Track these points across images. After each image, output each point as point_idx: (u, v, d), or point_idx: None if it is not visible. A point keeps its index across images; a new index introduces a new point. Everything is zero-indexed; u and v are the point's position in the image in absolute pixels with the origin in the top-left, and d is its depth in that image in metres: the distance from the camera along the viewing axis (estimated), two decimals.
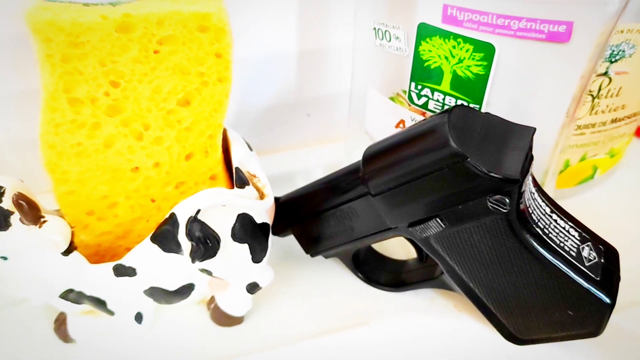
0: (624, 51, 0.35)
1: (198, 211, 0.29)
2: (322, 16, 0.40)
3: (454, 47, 0.29)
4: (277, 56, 0.41)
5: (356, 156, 0.40)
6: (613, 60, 0.35)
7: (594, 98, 0.37)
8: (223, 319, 0.36)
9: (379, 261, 0.39)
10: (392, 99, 0.34)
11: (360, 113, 0.37)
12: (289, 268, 0.39)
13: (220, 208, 0.30)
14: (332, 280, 0.39)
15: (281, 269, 0.37)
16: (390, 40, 0.32)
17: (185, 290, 0.33)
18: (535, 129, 0.29)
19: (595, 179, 0.44)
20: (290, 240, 0.39)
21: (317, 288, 0.39)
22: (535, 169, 0.32)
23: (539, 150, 0.31)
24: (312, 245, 0.38)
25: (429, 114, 0.33)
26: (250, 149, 0.35)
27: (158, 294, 0.33)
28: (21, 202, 0.27)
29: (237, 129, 0.40)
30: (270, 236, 0.33)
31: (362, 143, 0.39)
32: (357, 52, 0.36)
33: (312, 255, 0.39)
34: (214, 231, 0.30)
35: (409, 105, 0.34)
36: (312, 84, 0.44)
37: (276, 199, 0.37)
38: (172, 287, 0.33)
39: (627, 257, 0.39)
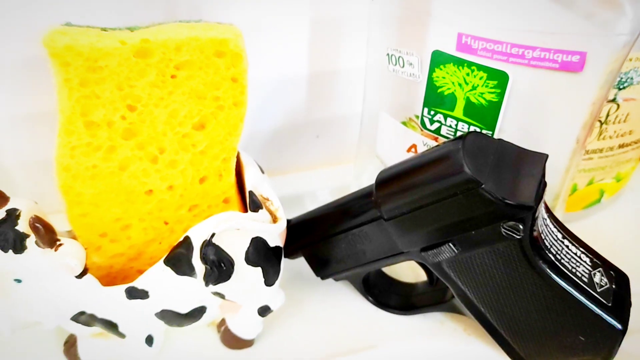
0: (632, 78, 0.36)
1: (213, 235, 0.29)
2: (334, 39, 0.40)
3: (467, 74, 0.30)
4: (287, 78, 0.42)
5: (365, 179, 0.41)
6: (621, 87, 0.36)
7: (601, 124, 0.38)
8: (233, 341, 0.36)
9: (388, 284, 0.40)
10: (404, 123, 0.35)
11: (371, 136, 0.38)
12: (300, 290, 0.40)
13: (234, 232, 0.30)
14: (342, 303, 0.39)
15: (292, 291, 0.38)
16: (403, 66, 0.32)
17: (197, 313, 0.33)
18: (547, 155, 0.29)
19: (602, 203, 0.44)
20: (301, 262, 0.39)
21: (327, 311, 0.39)
22: (547, 194, 0.33)
23: (550, 175, 0.32)
24: (322, 268, 0.38)
25: (441, 139, 0.34)
26: (262, 172, 0.36)
27: (170, 316, 0.33)
28: (38, 225, 0.27)
29: (247, 151, 0.41)
30: (283, 259, 0.33)
31: (371, 166, 0.40)
32: (370, 76, 0.36)
33: (322, 278, 0.39)
34: (228, 254, 0.30)
35: (422, 130, 0.34)
36: (322, 106, 0.44)
37: (287, 221, 0.37)
38: (184, 310, 0.33)
39: (636, 281, 0.39)
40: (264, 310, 0.34)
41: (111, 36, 0.28)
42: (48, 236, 0.28)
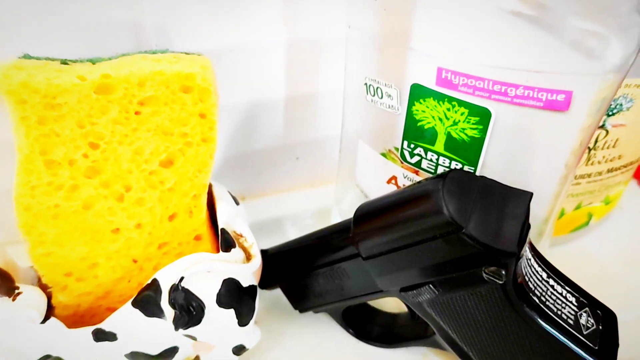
0: (621, 105, 0.34)
1: (181, 278, 0.28)
2: (312, 62, 0.39)
3: (448, 109, 0.28)
4: (265, 101, 0.41)
5: (346, 203, 0.40)
6: (610, 114, 0.35)
7: (590, 150, 0.37)
8: None
9: (370, 315, 0.39)
10: (383, 154, 0.33)
11: (350, 165, 0.36)
12: (276, 322, 0.38)
13: (205, 273, 0.29)
14: (321, 335, 0.38)
15: (268, 323, 0.37)
16: (382, 97, 0.31)
17: (169, 354, 0.32)
18: (532, 194, 0.28)
19: (590, 226, 0.43)
20: (278, 291, 0.38)
21: (306, 344, 0.38)
22: (536, 218, 0.32)
23: (539, 202, 0.31)
24: (300, 301, 0.37)
25: (422, 173, 0.32)
26: (237, 203, 0.34)
27: (140, 358, 0.32)
28: None
29: (225, 174, 0.40)
30: (258, 296, 0.32)
31: (352, 190, 0.38)
32: (348, 104, 0.35)
33: (300, 311, 0.38)
34: (198, 298, 0.29)
35: (402, 162, 0.33)
36: (301, 128, 0.44)
37: (264, 252, 0.36)
38: (155, 351, 0.32)
39: (624, 308, 0.39)
40: (238, 350, 0.33)
41: (70, 71, 0.27)
42: (5, 285, 0.27)
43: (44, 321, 0.28)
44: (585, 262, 0.43)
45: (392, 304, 0.39)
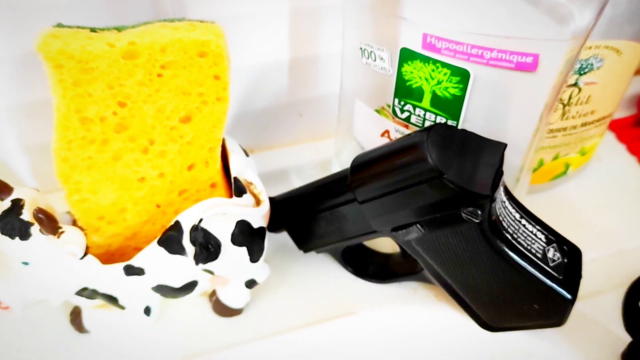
0: (592, 64, 0.38)
1: (200, 220, 0.32)
2: (313, 27, 0.42)
3: (433, 70, 0.32)
4: (271, 63, 0.44)
5: (345, 155, 0.43)
6: (582, 72, 0.38)
7: (564, 105, 0.40)
8: (224, 310, 0.39)
9: (366, 255, 0.43)
10: (377, 111, 0.37)
11: (348, 120, 0.40)
12: (283, 262, 0.43)
13: (221, 215, 0.33)
14: (323, 273, 0.42)
15: (276, 263, 0.41)
16: (375, 60, 0.34)
17: (190, 287, 0.36)
18: (506, 145, 0.32)
19: (568, 174, 0.47)
20: (284, 235, 0.42)
21: (309, 280, 0.42)
22: (511, 167, 0.36)
23: (515, 152, 0.34)
24: (304, 242, 0.41)
25: (411, 126, 0.36)
26: (247, 155, 0.38)
27: (165, 290, 0.36)
28: (41, 216, 0.30)
29: (236, 129, 0.43)
30: (266, 237, 0.36)
31: (350, 143, 0.42)
32: (345, 66, 0.38)
33: (304, 252, 0.42)
34: (215, 237, 0.33)
35: (393, 118, 0.36)
36: (304, 88, 0.47)
37: (271, 199, 0.40)
38: (178, 284, 0.36)
39: (594, 247, 0.43)
40: (250, 283, 0.37)
41: (100, 38, 0.30)
42: (50, 225, 0.30)
43: (82, 257, 0.32)
44: (562, 207, 0.47)
45: (386, 246, 0.43)
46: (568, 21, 0.28)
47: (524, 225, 0.34)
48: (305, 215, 0.39)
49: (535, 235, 0.34)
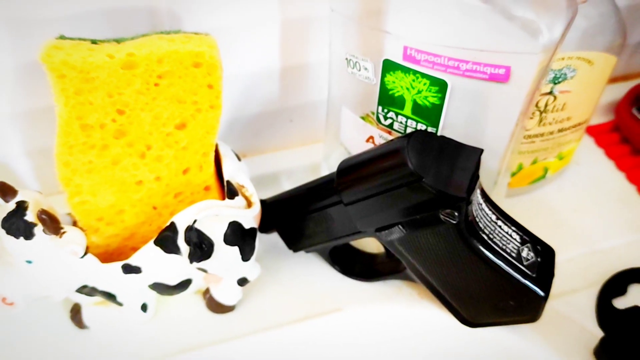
0: (565, 74, 0.40)
1: (195, 221, 0.34)
2: (302, 37, 0.44)
3: (413, 80, 0.34)
4: (262, 71, 0.45)
5: (333, 159, 0.45)
6: (557, 82, 0.40)
7: (541, 112, 0.42)
8: (217, 307, 0.41)
9: (353, 254, 0.44)
10: (362, 118, 0.39)
11: (336, 126, 0.42)
12: (274, 261, 0.44)
13: (214, 217, 0.35)
14: (311, 272, 0.44)
15: (267, 262, 0.42)
16: (360, 70, 0.36)
17: (184, 285, 0.38)
18: (482, 150, 0.34)
19: (547, 178, 0.49)
20: (275, 236, 0.44)
21: (298, 279, 0.43)
22: (489, 171, 0.38)
23: (492, 156, 0.36)
24: (294, 242, 0.43)
25: (394, 133, 0.38)
26: (239, 159, 0.40)
27: (161, 288, 0.38)
28: (44, 217, 0.31)
29: (229, 135, 0.45)
30: (258, 237, 0.38)
31: (337, 148, 0.44)
32: (332, 75, 0.40)
33: (294, 251, 0.44)
34: (208, 237, 0.35)
35: (377, 124, 0.38)
36: (294, 95, 0.48)
37: (262, 201, 0.42)
38: (173, 282, 0.37)
39: (570, 248, 0.45)
40: (242, 281, 0.39)
41: (100, 50, 0.32)
42: (53, 225, 0.32)
43: (83, 256, 0.34)
44: (540, 209, 0.48)
45: (372, 246, 0.45)
46: (538, 35, 0.30)
47: (499, 226, 0.36)
48: (295, 217, 0.41)
49: (510, 235, 0.36)
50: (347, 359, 0.43)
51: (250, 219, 0.37)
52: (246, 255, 0.37)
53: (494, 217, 0.36)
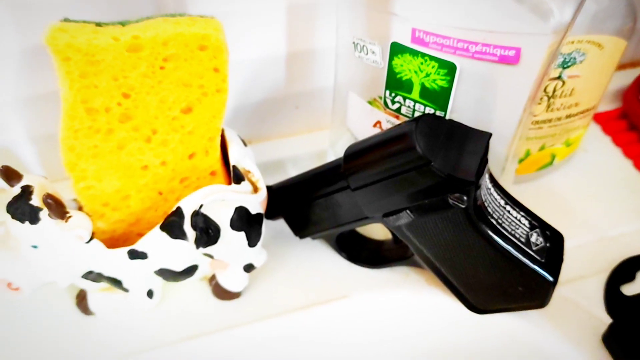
0: (575, 58, 0.39)
1: (201, 206, 0.34)
2: (308, 23, 0.44)
3: (421, 63, 0.34)
4: (268, 57, 0.45)
5: (339, 146, 0.45)
6: (566, 66, 0.40)
7: (549, 98, 0.42)
8: (223, 293, 0.41)
9: (360, 241, 0.44)
10: (370, 102, 0.39)
11: (342, 111, 0.42)
12: (280, 247, 0.44)
13: (220, 202, 0.35)
14: (318, 258, 0.44)
15: (273, 248, 0.42)
16: (367, 54, 0.36)
17: (190, 271, 0.38)
18: (491, 134, 0.34)
19: (554, 165, 0.49)
20: (281, 222, 0.44)
21: (305, 265, 0.43)
22: (497, 156, 0.37)
23: (500, 141, 0.36)
24: (300, 229, 0.43)
25: (402, 117, 0.38)
26: (245, 145, 0.40)
27: (167, 273, 0.37)
28: (50, 201, 0.31)
29: (235, 121, 0.45)
30: (264, 223, 0.38)
31: (344, 135, 0.44)
32: (339, 59, 0.40)
33: (300, 238, 0.44)
34: (215, 222, 0.35)
35: (385, 109, 0.38)
36: (300, 81, 0.48)
37: (269, 187, 0.42)
38: (179, 268, 0.37)
39: (578, 234, 0.45)
40: (248, 267, 0.39)
41: (105, 32, 0.31)
42: (59, 210, 0.32)
43: (89, 241, 0.33)
44: (548, 196, 0.48)
45: (379, 233, 0.44)
46: (549, 17, 0.29)
47: (508, 211, 0.35)
48: (301, 203, 0.41)
49: (519, 220, 0.36)
50: (354, 345, 0.43)
51: (256, 204, 0.36)
52: (252, 241, 0.37)
53: (502, 202, 0.36)
